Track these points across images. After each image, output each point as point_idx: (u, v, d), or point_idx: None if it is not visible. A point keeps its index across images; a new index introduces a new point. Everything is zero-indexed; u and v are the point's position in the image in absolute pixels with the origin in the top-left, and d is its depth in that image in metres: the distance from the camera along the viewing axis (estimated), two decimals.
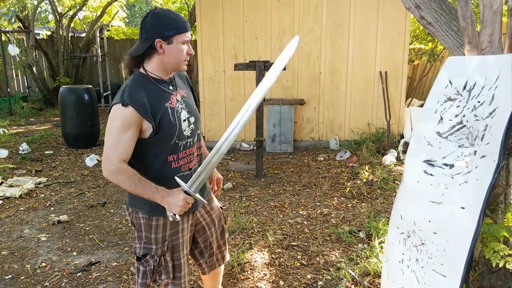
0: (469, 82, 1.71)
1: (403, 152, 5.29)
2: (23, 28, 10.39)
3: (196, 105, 1.88)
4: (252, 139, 4.87)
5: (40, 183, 4.64)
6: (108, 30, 13.01)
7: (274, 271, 2.77)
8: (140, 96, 1.58)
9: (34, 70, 10.21)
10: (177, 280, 1.79)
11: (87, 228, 3.55)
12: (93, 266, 2.91)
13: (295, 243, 3.16)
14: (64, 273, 2.83)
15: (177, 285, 1.80)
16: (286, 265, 2.85)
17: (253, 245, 3.11)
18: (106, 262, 2.97)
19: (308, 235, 3.30)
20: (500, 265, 1.75)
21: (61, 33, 10.86)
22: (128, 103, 1.54)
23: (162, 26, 1.58)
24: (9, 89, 10.09)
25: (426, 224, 1.73)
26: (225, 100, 6.14)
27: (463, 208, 1.57)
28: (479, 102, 1.63)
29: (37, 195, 4.34)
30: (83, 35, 11.79)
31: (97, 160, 5.48)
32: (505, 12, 1.77)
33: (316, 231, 3.36)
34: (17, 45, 9.89)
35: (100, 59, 10.23)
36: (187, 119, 1.74)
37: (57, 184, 4.68)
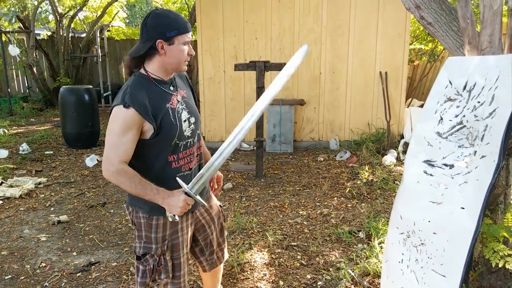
0: (469, 83, 1.71)
1: (403, 153, 5.29)
2: (24, 29, 10.39)
3: (196, 105, 1.89)
4: (252, 139, 4.86)
5: (40, 183, 4.64)
6: (109, 31, 13.02)
7: (274, 271, 2.77)
8: (141, 98, 1.58)
9: (35, 71, 10.21)
10: (177, 279, 1.80)
11: (87, 228, 3.55)
12: (93, 266, 2.91)
13: (295, 243, 3.16)
14: (64, 273, 2.83)
15: (177, 285, 1.80)
16: (286, 265, 2.85)
17: (253, 245, 3.11)
18: (106, 262, 2.97)
19: (308, 235, 3.30)
20: (500, 265, 1.75)
21: (62, 34, 10.86)
22: (130, 105, 1.54)
23: (164, 27, 1.58)
24: (10, 89, 10.09)
25: (426, 224, 1.73)
26: (225, 101, 6.14)
27: (463, 208, 1.57)
28: (479, 103, 1.63)
29: (37, 195, 4.34)
30: (84, 36, 11.80)
31: (97, 161, 5.48)
32: (505, 13, 1.77)
33: (316, 231, 3.36)
34: (18, 46, 9.88)
35: (101, 60, 10.24)
36: (188, 120, 1.74)
37: (57, 184, 4.68)
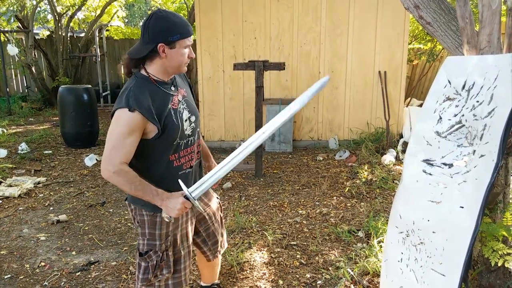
0: (468, 82, 1.71)
1: (402, 152, 5.30)
2: (22, 28, 10.37)
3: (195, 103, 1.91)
4: None
5: (39, 183, 4.64)
6: (107, 30, 12.99)
7: (273, 270, 2.77)
8: (146, 100, 1.58)
9: (33, 70, 10.19)
10: (177, 273, 1.83)
11: (86, 228, 3.55)
12: (92, 266, 2.91)
13: (294, 243, 3.16)
14: (63, 273, 2.83)
15: (177, 279, 1.83)
16: (285, 265, 2.85)
17: (252, 245, 3.11)
18: (105, 262, 2.97)
19: (307, 235, 3.31)
20: (499, 264, 1.75)
21: (60, 33, 10.84)
22: (135, 109, 1.54)
23: (166, 31, 1.58)
24: (8, 89, 10.07)
25: (425, 224, 1.74)
26: (224, 100, 6.14)
27: (462, 208, 1.58)
28: (478, 102, 1.63)
29: (36, 195, 4.33)
30: (82, 35, 11.77)
31: (96, 160, 5.48)
32: (504, 12, 1.78)
33: (315, 231, 3.36)
34: (16, 45, 9.85)
35: (99, 59, 10.23)
36: (188, 119, 1.77)
37: (56, 184, 4.68)
